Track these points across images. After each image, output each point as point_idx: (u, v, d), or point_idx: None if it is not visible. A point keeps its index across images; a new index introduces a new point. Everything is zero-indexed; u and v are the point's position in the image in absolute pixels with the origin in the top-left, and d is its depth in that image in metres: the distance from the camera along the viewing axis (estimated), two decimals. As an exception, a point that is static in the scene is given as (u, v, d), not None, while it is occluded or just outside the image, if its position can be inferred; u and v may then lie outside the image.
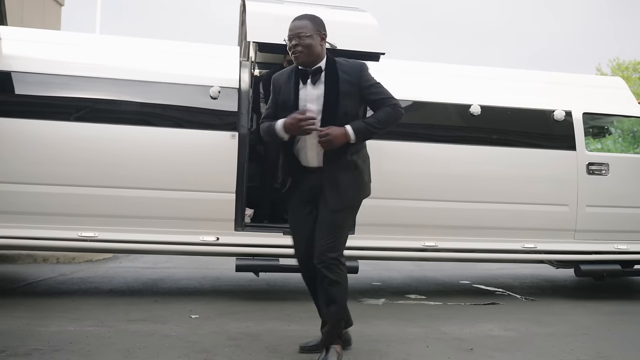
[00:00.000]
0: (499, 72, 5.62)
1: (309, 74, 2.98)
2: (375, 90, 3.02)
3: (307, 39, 2.92)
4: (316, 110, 2.94)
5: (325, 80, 2.96)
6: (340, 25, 4.77)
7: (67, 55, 4.71)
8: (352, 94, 2.96)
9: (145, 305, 4.39)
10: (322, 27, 3.02)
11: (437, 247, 4.95)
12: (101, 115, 4.58)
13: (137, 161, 4.53)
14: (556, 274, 6.96)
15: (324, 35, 3.01)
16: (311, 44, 2.93)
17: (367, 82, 3.00)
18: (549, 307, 4.87)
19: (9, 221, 4.39)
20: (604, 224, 5.23)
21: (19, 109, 4.53)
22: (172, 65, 4.82)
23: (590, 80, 6.02)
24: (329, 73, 2.97)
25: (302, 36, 2.92)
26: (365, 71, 3.02)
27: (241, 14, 5.42)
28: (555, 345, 3.54)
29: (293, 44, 2.93)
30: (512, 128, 5.22)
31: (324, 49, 3.03)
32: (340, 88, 2.94)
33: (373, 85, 3.02)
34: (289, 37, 2.96)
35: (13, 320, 3.71)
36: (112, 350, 3.12)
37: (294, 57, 2.97)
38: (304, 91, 2.98)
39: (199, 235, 4.60)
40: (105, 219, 4.49)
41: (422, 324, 4.02)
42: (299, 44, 2.92)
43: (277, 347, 3.29)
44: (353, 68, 3.00)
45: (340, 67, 2.99)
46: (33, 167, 4.42)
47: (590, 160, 5.23)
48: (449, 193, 4.97)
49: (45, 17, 11.57)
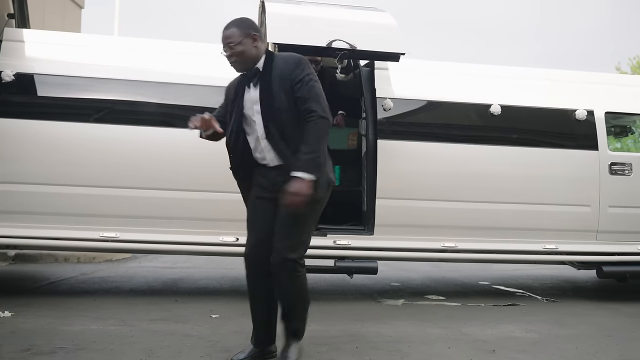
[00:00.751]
0: (518, 71, 5.56)
1: (250, 78, 2.94)
2: (302, 88, 2.85)
3: (238, 47, 2.86)
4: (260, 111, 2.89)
5: (260, 80, 2.91)
6: (359, 26, 4.76)
7: (87, 57, 4.77)
8: (286, 88, 2.85)
9: (166, 305, 4.43)
10: (251, 28, 2.91)
11: (457, 248, 4.91)
12: (121, 116, 4.63)
13: (157, 162, 4.57)
14: (577, 275, 6.88)
15: (255, 35, 2.90)
16: (243, 50, 2.86)
17: (297, 76, 2.85)
18: (570, 309, 4.81)
19: (33, 222, 4.45)
20: (626, 225, 5.15)
21: (46, 110, 4.59)
22: (190, 66, 4.86)
23: (612, 78, 5.95)
24: (264, 72, 2.91)
25: (232, 45, 2.86)
26: (300, 65, 2.88)
27: (260, 15, 5.43)
28: (578, 347, 3.49)
29: (227, 55, 2.90)
30: (533, 128, 5.17)
31: (260, 48, 2.93)
32: (273, 84, 2.86)
33: (302, 81, 2.86)
34: (223, 49, 2.92)
35: (37, 319, 3.76)
36: (135, 349, 3.14)
37: (232, 66, 2.94)
38: (248, 94, 2.93)
39: (218, 235, 4.62)
40: (126, 219, 4.53)
41: (443, 325, 4.00)
42: (232, 54, 2.88)
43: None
44: (287, 62, 2.90)
45: (276, 63, 2.90)
46: (56, 168, 4.48)
47: (612, 160, 5.16)
48: (469, 193, 4.93)
49: (65, 20, 11.72)
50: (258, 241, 2.94)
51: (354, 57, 5.10)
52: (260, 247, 2.92)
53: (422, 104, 5.09)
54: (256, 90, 2.91)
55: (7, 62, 4.55)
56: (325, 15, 4.87)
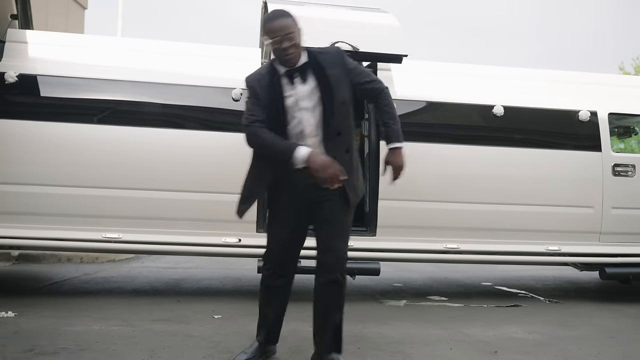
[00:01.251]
0: (521, 72, 5.56)
1: (296, 72, 2.77)
2: (360, 71, 2.88)
3: (297, 38, 2.74)
4: (311, 107, 2.78)
5: (314, 74, 2.78)
6: (362, 27, 4.77)
7: (90, 58, 4.78)
8: (342, 80, 2.79)
9: (168, 305, 4.44)
10: (297, 20, 2.82)
11: (459, 249, 4.91)
12: (125, 117, 4.64)
13: (160, 163, 4.58)
14: (580, 276, 6.87)
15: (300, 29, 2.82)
16: (299, 42, 2.76)
17: (349, 64, 2.85)
18: (573, 310, 4.80)
19: (36, 222, 4.47)
20: (630, 226, 5.14)
21: (49, 111, 4.61)
22: (195, 67, 4.87)
23: (615, 79, 5.94)
24: (314, 66, 2.78)
25: (292, 36, 2.71)
26: (345, 55, 2.87)
27: (263, 16, 5.44)
28: (581, 348, 3.49)
29: (285, 46, 2.71)
30: (536, 129, 5.16)
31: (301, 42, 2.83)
32: (330, 78, 2.77)
33: (356, 66, 2.89)
34: (277, 40, 2.72)
35: (40, 319, 3.77)
36: (137, 349, 3.15)
37: (287, 59, 2.76)
38: (294, 90, 2.78)
39: (221, 236, 4.64)
40: (129, 220, 4.55)
41: (445, 326, 4.00)
42: (292, 45, 2.72)
43: (300, 348, 3.30)
44: (333, 55, 2.85)
45: (320, 57, 2.82)
46: (59, 169, 4.49)
47: (616, 162, 5.15)
48: (472, 195, 4.93)
49: (69, 21, 11.74)
50: (289, 243, 2.92)
51: (356, 59, 5.10)
52: (290, 249, 2.93)
53: (425, 105, 5.09)
54: (305, 85, 2.78)
55: (11, 64, 4.57)
56: (328, 16, 4.87)
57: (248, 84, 2.88)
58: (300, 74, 2.78)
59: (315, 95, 2.78)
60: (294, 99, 2.78)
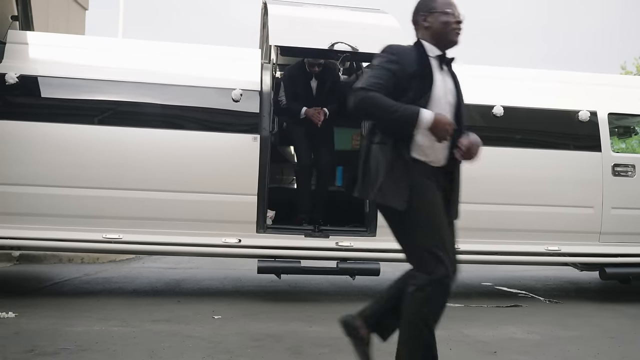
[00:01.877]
0: (521, 73, 5.56)
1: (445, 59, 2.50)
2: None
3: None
4: (454, 104, 2.53)
5: (450, 71, 2.54)
6: (361, 27, 4.77)
7: (91, 59, 4.79)
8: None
9: (169, 306, 4.45)
10: None
11: (458, 249, 4.89)
12: (126, 118, 4.65)
13: (160, 164, 4.59)
14: (580, 276, 6.86)
15: None
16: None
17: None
18: (573, 310, 4.80)
19: (37, 223, 4.48)
20: (630, 226, 5.14)
21: (50, 112, 4.61)
22: (195, 68, 4.87)
23: (615, 80, 5.94)
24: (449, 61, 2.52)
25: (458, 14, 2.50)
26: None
27: (262, 17, 5.45)
28: (580, 348, 3.49)
29: (460, 20, 2.48)
30: (536, 129, 5.16)
31: None
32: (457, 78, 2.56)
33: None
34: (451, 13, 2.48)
35: (41, 320, 3.78)
36: (137, 350, 3.16)
37: (456, 34, 2.49)
38: (442, 81, 2.48)
39: (221, 237, 4.64)
40: (129, 220, 4.56)
41: (444, 326, 3.97)
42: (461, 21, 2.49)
43: (300, 348, 3.30)
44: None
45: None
46: (59, 170, 4.50)
47: (616, 162, 5.15)
48: (471, 194, 4.89)
49: (69, 22, 11.75)
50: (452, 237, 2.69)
51: (355, 59, 5.11)
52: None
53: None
54: (448, 77, 2.53)
55: (12, 65, 4.58)
56: (328, 17, 4.88)
57: (392, 51, 2.55)
58: (447, 63, 2.53)
59: (454, 95, 2.54)
60: (444, 90, 2.49)
